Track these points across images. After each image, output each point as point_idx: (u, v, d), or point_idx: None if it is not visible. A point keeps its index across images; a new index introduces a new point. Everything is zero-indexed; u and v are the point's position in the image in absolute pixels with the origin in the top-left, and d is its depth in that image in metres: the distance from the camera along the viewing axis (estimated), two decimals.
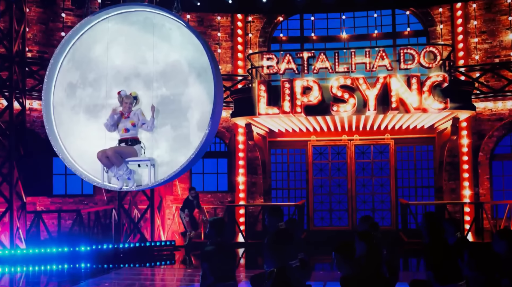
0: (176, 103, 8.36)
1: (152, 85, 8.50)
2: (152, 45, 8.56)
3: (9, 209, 14.40)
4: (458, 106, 14.56)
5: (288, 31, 19.63)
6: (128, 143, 8.25)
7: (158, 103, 8.39)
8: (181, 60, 8.41)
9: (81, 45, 8.91)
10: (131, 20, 8.75)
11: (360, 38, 19.11)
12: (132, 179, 8.22)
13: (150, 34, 8.58)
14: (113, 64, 8.71)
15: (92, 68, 8.75)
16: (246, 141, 17.35)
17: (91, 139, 8.51)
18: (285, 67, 15.23)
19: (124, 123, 8.28)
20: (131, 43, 8.70)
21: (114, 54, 8.73)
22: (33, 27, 17.26)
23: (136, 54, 8.62)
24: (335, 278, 9.62)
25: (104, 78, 8.68)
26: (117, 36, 8.78)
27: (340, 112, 14.42)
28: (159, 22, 8.56)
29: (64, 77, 8.90)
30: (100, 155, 8.19)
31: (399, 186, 17.89)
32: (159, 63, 8.51)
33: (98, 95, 8.68)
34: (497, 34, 17.86)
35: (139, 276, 12.54)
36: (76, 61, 8.86)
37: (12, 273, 12.91)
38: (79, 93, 8.76)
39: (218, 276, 6.28)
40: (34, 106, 16.80)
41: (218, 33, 19.08)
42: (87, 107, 8.69)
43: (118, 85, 8.57)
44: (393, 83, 14.33)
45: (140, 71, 8.57)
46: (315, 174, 18.16)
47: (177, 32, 8.48)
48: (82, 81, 8.76)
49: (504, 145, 17.79)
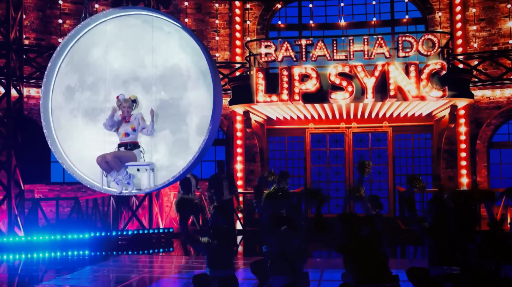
0: (175, 107, 8.31)
1: (151, 89, 8.45)
2: (151, 49, 8.50)
3: (7, 196, 14.42)
4: (456, 94, 14.55)
5: (286, 18, 19.57)
6: (127, 148, 8.24)
7: (157, 108, 8.34)
8: (180, 64, 8.35)
9: (79, 48, 8.83)
10: (130, 23, 8.68)
11: (359, 25, 19.06)
12: (132, 183, 8.22)
13: (148, 37, 8.52)
14: (111, 68, 8.64)
15: (90, 72, 8.69)
16: (244, 129, 17.34)
17: (90, 143, 8.49)
18: (283, 55, 15.19)
19: (124, 127, 8.25)
20: (129, 46, 8.64)
21: (113, 58, 8.65)
22: (30, 14, 17.19)
23: (135, 58, 8.55)
24: (332, 266, 9.69)
25: (102, 82, 8.62)
26: (115, 39, 8.72)
27: (338, 100, 14.41)
28: (158, 26, 8.48)
29: (62, 80, 8.83)
30: (99, 159, 8.16)
31: (397, 174, 17.92)
32: (158, 67, 8.45)
33: (96, 99, 8.62)
34: (496, 22, 17.82)
35: (137, 263, 12.59)
36: (74, 64, 8.79)
37: (11, 261, 12.95)
38: (78, 96, 8.70)
39: (215, 263, 6.30)
40: (31, 93, 16.77)
41: (216, 20, 19.02)
42: (85, 111, 8.63)
43: (117, 89, 8.51)
44: (391, 71, 14.31)
45: (138, 75, 8.51)
46: (313, 162, 18.18)
47: (176, 35, 8.41)
48: (81, 85, 8.69)
49: (502, 133, 17.81)
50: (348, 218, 6.12)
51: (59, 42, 17.36)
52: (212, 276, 6.92)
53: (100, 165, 8.17)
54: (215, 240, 6.88)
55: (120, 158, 8.14)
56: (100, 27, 8.82)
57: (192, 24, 18.91)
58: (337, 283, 6.15)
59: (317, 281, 9.18)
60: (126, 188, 8.29)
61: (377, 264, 5.68)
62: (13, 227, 14.30)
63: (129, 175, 8.26)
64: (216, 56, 18.83)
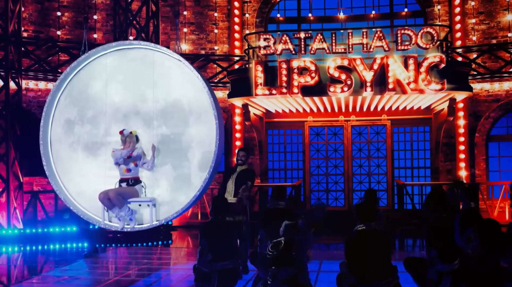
0: (176, 142, 8.29)
1: (153, 124, 8.39)
2: (152, 83, 8.41)
3: (6, 189, 14.44)
4: (455, 87, 14.56)
5: (285, 11, 19.55)
6: (129, 183, 8.24)
7: (159, 142, 8.33)
8: (182, 99, 8.29)
9: (79, 81, 8.75)
10: (130, 57, 8.61)
11: (358, 18, 19.03)
12: (134, 219, 8.24)
13: (149, 71, 8.42)
14: (111, 101, 8.57)
15: (90, 105, 8.63)
16: (243, 122, 17.34)
17: (90, 177, 8.46)
18: (282, 48, 15.18)
19: (126, 163, 8.23)
20: (130, 80, 8.56)
21: (113, 91, 8.58)
22: (29, 6, 17.15)
23: (136, 92, 8.49)
24: (331, 257, 9.73)
25: (102, 115, 8.56)
26: (115, 72, 8.63)
27: (337, 93, 14.41)
28: (159, 60, 8.42)
29: (61, 113, 8.76)
30: (101, 196, 8.15)
31: (396, 167, 17.92)
32: (159, 102, 8.39)
33: (96, 132, 8.58)
34: (495, 15, 17.81)
35: (136, 255, 12.60)
36: (74, 97, 8.72)
37: (10, 253, 12.98)
38: (77, 130, 8.66)
39: (216, 255, 6.28)
40: (30, 86, 16.74)
41: (215, 13, 18.99)
42: (85, 145, 8.61)
43: (117, 123, 8.46)
44: (390, 64, 14.31)
45: (139, 109, 8.45)
46: (312, 155, 18.19)
47: (177, 70, 8.34)
48: (80, 118, 8.65)
49: (500, 126, 17.82)
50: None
51: (57, 35, 17.37)
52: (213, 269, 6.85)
53: (102, 202, 8.17)
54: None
55: (122, 195, 8.14)
56: (100, 60, 8.72)
57: (191, 17, 18.88)
58: (335, 274, 6.16)
59: (316, 272, 9.21)
60: (128, 223, 8.30)
61: (379, 260, 5.68)
62: (12, 219, 14.33)
63: (131, 211, 8.27)
64: (215, 49, 18.81)
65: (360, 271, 5.57)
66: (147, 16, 15.55)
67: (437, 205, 6.68)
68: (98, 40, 17.69)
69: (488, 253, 5.14)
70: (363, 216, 5.76)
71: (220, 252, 6.46)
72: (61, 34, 17.51)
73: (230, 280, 6.78)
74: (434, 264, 6.36)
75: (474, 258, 5.25)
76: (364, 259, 5.61)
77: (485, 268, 5.14)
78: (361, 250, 5.65)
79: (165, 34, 18.13)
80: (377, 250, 5.69)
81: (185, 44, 18.61)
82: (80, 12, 17.63)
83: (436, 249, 6.35)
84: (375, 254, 5.66)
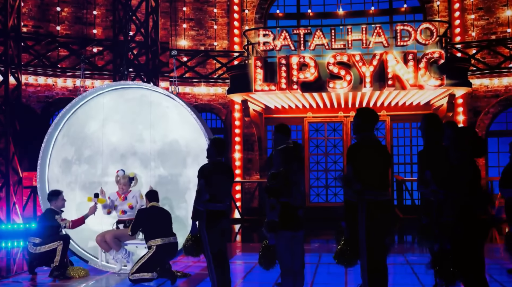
0: (174, 184, 8.24)
1: (150, 165, 8.33)
2: (149, 124, 8.35)
3: (5, 184, 14.45)
4: (454, 83, 14.59)
5: (284, 7, 19.54)
6: (126, 225, 8.22)
7: (156, 183, 8.27)
8: (179, 140, 8.24)
9: (76, 121, 8.71)
10: (127, 97, 8.55)
11: (357, 14, 19.02)
12: (131, 260, 8.21)
13: (147, 112, 8.36)
14: (109, 141, 8.53)
15: (87, 145, 8.60)
16: (242, 117, 17.35)
17: (88, 217, 8.40)
18: (282, 44, 15.20)
19: (121, 205, 8.23)
20: (127, 120, 8.50)
21: (110, 131, 8.53)
22: (28, 1, 17.14)
23: (133, 132, 8.44)
24: (330, 250, 9.73)
25: (100, 155, 8.53)
26: (112, 112, 8.57)
27: (336, 89, 14.43)
28: (156, 101, 8.36)
29: (59, 153, 8.74)
30: (99, 239, 8.17)
31: (395, 163, 17.94)
32: (156, 142, 8.35)
33: (94, 172, 8.56)
34: (494, 11, 17.81)
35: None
36: (71, 136, 8.69)
37: (9, 247, 12.99)
38: (75, 169, 8.63)
39: (212, 195, 6.22)
40: (29, 81, 16.73)
41: (214, 9, 18.98)
42: (83, 185, 8.59)
43: (115, 163, 8.42)
44: (390, 60, 14.34)
45: (136, 149, 8.41)
46: (311, 151, 18.21)
47: (174, 111, 8.28)
48: (78, 158, 8.62)
49: (500, 121, 17.82)
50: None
51: (57, 30, 17.35)
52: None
53: (99, 245, 8.18)
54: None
55: (119, 237, 8.14)
56: (97, 99, 8.66)
57: (191, 13, 18.88)
58: (334, 266, 6.18)
59: (315, 264, 9.24)
60: (125, 264, 8.29)
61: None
62: (11, 214, 14.34)
63: (128, 253, 8.27)
64: (214, 45, 18.81)
65: (365, 178, 5.63)
66: (146, 11, 15.55)
67: (435, 132, 6.77)
68: (98, 35, 17.68)
69: (464, 155, 5.21)
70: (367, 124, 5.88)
71: (217, 193, 6.34)
72: (60, 30, 17.50)
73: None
74: (430, 185, 6.43)
75: (456, 167, 5.30)
76: (369, 166, 5.71)
77: (466, 173, 5.21)
78: (366, 157, 5.76)
79: (165, 29, 18.12)
80: (380, 160, 5.80)
81: (185, 40, 18.61)
82: (80, 7, 17.62)
83: (430, 170, 6.43)
84: (378, 164, 5.78)
